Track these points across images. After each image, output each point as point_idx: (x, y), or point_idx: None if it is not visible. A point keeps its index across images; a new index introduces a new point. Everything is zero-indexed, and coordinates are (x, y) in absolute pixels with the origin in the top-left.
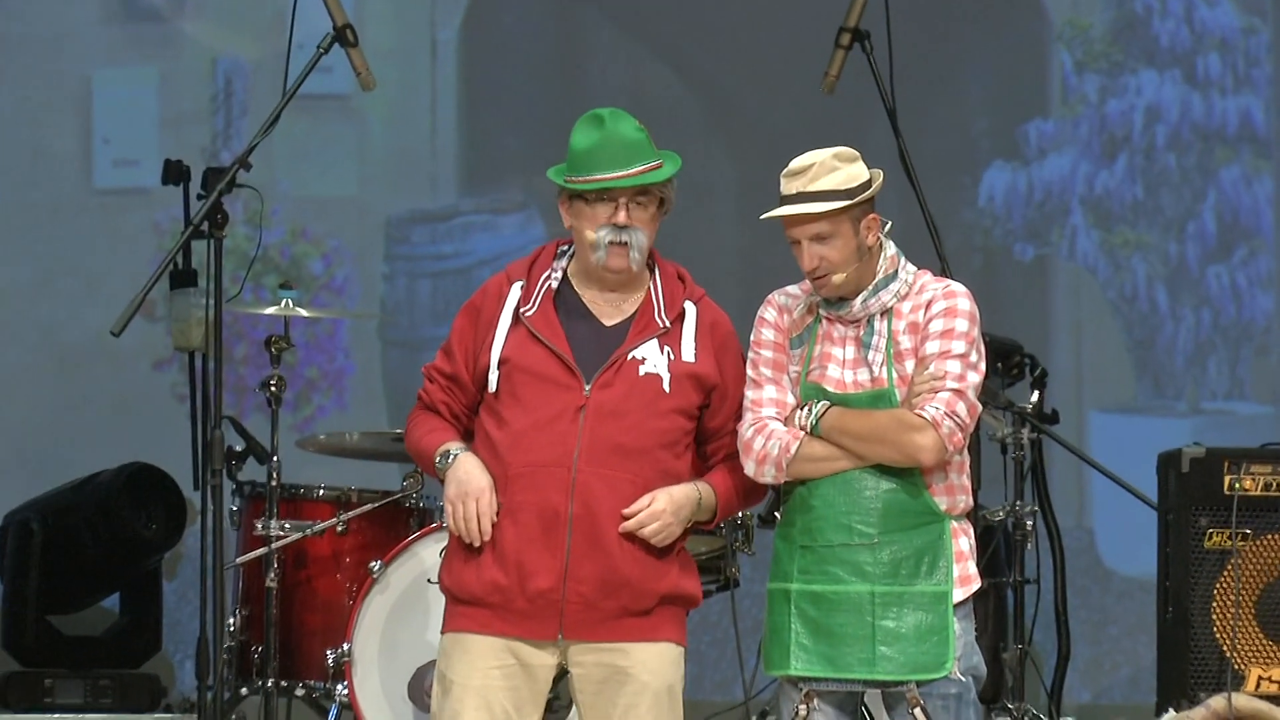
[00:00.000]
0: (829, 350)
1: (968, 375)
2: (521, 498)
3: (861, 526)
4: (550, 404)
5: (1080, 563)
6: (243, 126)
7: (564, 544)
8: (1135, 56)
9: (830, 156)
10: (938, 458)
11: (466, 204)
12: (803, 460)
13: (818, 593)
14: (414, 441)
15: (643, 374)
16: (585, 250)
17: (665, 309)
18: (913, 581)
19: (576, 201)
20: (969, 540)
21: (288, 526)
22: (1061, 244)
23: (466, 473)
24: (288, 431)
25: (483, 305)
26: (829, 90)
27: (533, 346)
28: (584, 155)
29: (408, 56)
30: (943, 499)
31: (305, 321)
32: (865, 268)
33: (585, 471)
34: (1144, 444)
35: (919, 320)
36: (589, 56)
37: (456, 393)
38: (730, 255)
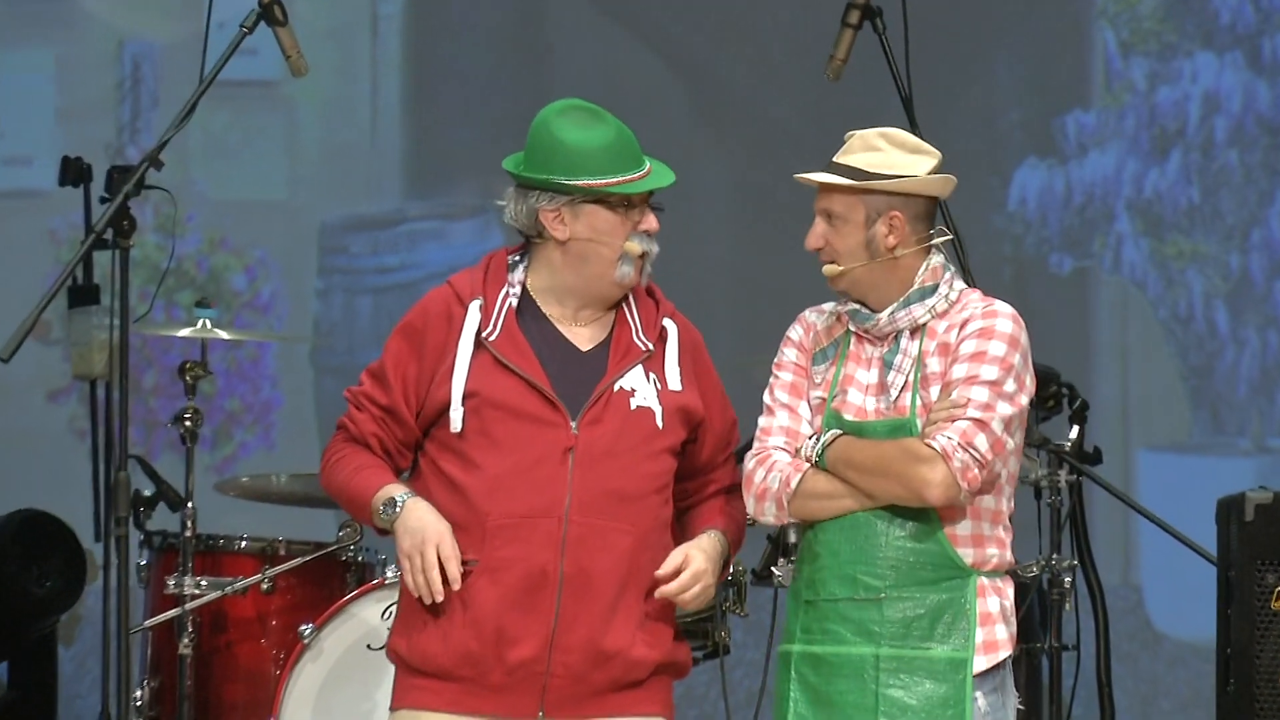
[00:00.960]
0: (853, 372)
1: (996, 405)
2: (504, 553)
3: (868, 579)
4: (533, 444)
5: (1127, 625)
6: (153, 119)
7: (552, 607)
8: (1190, 37)
9: (876, 134)
10: (947, 496)
11: (413, 208)
12: (805, 497)
13: (818, 655)
14: (341, 480)
15: (634, 408)
16: (599, 262)
17: (643, 328)
18: (925, 645)
19: (589, 206)
20: (1001, 601)
21: (204, 584)
22: (1105, 255)
23: (420, 519)
24: (205, 473)
25: (426, 328)
26: (835, 76)
27: (502, 377)
28: (601, 155)
29: (345, 36)
30: (968, 550)
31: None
32: (883, 274)
33: (577, 523)
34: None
35: (951, 341)
36: (555, 36)
37: (391, 426)
38: (719, 271)
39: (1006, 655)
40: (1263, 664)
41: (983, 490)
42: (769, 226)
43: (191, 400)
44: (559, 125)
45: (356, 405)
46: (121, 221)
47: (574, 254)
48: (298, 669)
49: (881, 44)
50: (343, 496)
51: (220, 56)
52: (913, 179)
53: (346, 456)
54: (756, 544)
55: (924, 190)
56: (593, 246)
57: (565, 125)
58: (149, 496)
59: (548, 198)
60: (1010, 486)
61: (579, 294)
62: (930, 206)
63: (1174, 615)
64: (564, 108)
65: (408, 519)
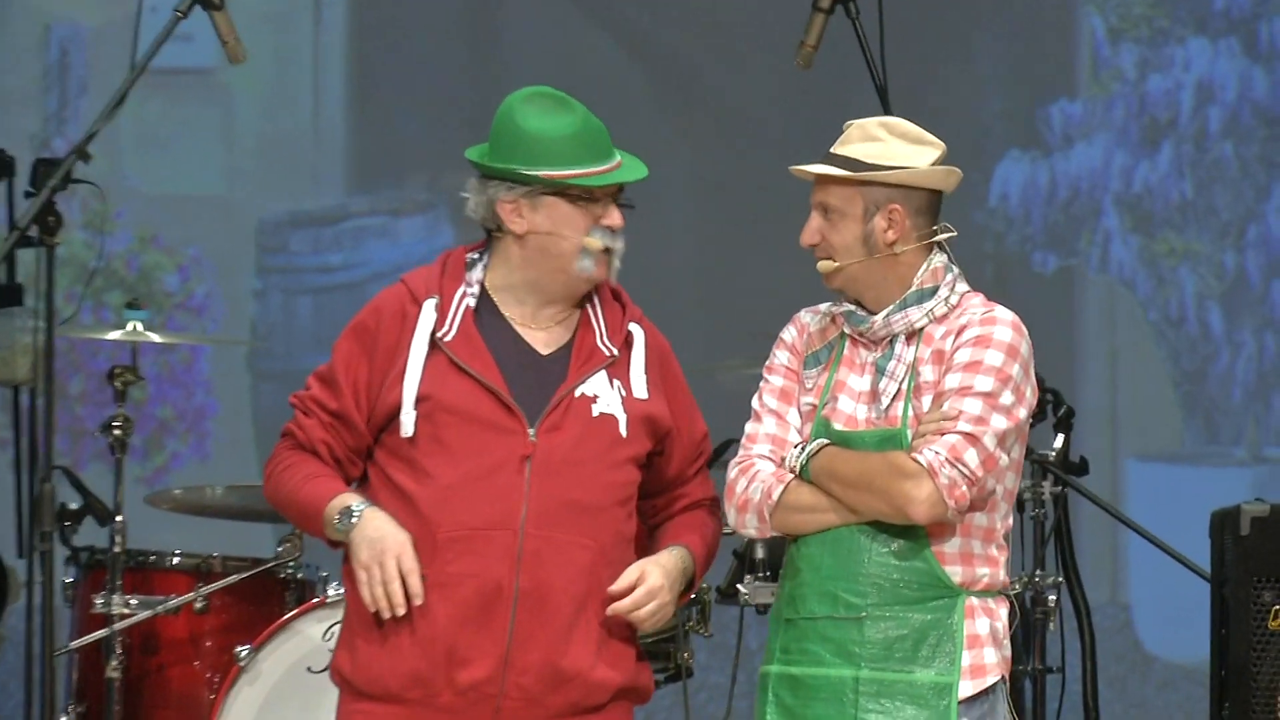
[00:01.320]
0: (845, 378)
1: (990, 419)
2: (456, 568)
3: (849, 597)
4: (487, 452)
5: (1115, 646)
6: (81, 108)
7: (506, 625)
8: (1183, 22)
9: (876, 123)
10: (932, 514)
11: (358, 204)
12: (787, 510)
13: (796, 676)
14: (289, 489)
15: (596, 415)
16: (560, 257)
17: (608, 332)
18: (908, 668)
19: (549, 199)
20: (992, 623)
21: (134, 603)
22: (1091, 253)
23: (378, 530)
24: (135, 485)
25: (379, 328)
26: (806, 64)
27: (456, 380)
28: (563, 145)
29: (285, 21)
30: (956, 569)
31: (157, 349)
32: (881, 271)
33: (534, 536)
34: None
35: (947, 349)
36: (508, 20)
37: (341, 432)
38: (683, 270)
39: (996, 680)
40: (1260, 687)
41: (974, 507)
42: (736, 223)
43: (121, 407)
44: (522, 113)
45: (304, 410)
46: (47, 218)
47: (532, 248)
48: (233, 693)
49: (855, 29)
50: (291, 507)
51: (153, 42)
52: (913, 170)
53: (294, 465)
54: (722, 560)
55: (925, 182)
56: (551, 240)
57: (528, 113)
58: (75, 510)
59: (506, 188)
60: (1006, 504)
61: (538, 291)
62: (933, 200)
63: (1165, 635)
64: (530, 95)
65: (366, 528)
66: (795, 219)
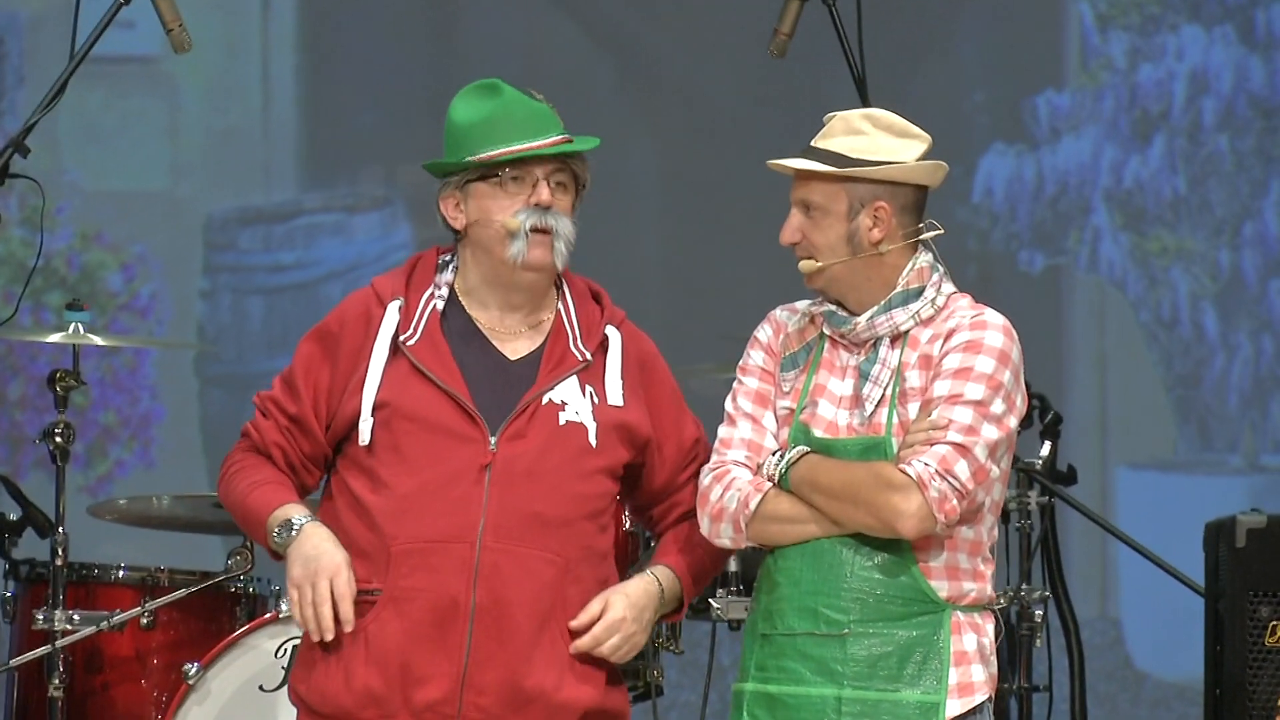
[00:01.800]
0: (825, 381)
1: (981, 429)
2: (410, 582)
3: (831, 612)
4: (445, 461)
5: (1104, 663)
6: (19, 99)
7: (463, 643)
8: (1176, 9)
9: (860, 116)
10: (921, 528)
11: (310, 200)
12: (765, 520)
13: (773, 695)
14: (238, 494)
15: (563, 423)
16: (494, 247)
17: (582, 336)
18: (893, 687)
19: (477, 186)
20: (979, 639)
21: (77, 619)
22: (1080, 251)
23: (315, 547)
24: (77, 495)
25: (343, 332)
26: (780, 53)
27: (418, 385)
28: (482, 127)
29: (233, 8)
30: (942, 583)
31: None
32: (866, 271)
33: (492, 549)
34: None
35: (934, 353)
36: (468, 5)
37: (297, 438)
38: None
39: (984, 699)
40: (1256, 706)
41: (962, 520)
42: (706, 219)
43: (62, 413)
44: (455, 107)
45: (263, 411)
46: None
47: (474, 242)
48: (182, 713)
49: (832, 16)
50: (238, 512)
51: (94, 29)
52: (900, 166)
53: (245, 469)
54: None
55: (912, 178)
56: (483, 229)
57: (458, 105)
58: (14, 521)
59: (447, 185)
60: (993, 515)
61: (496, 288)
62: (919, 197)
63: (1157, 652)
64: (465, 89)
65: (303, 544)
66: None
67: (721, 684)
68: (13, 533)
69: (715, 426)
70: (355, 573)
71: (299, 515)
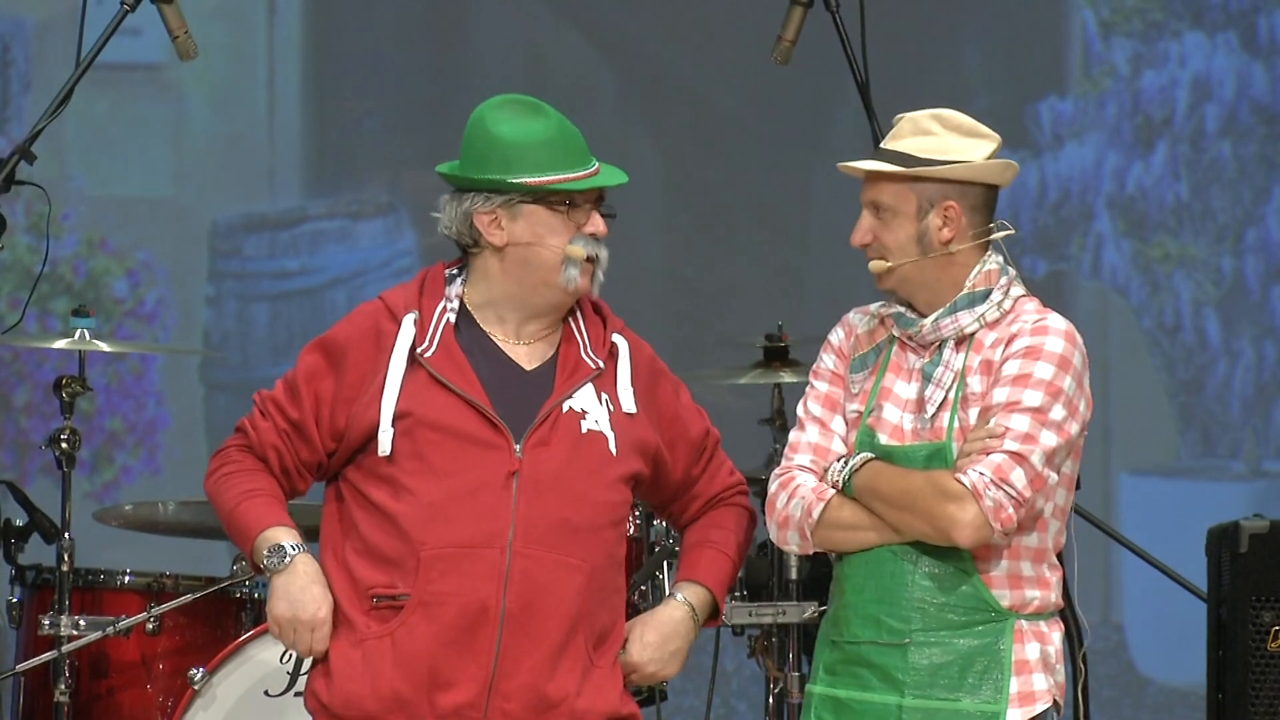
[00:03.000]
0: (891, 384)
1: (1040, 436)
2: (440, 587)
3: (893, 621)
4: (473, 468)
5: (1107, 668)
6: (24, 105)
7: (492, 648)
8: (1178, 15)
9: (928, 116)
10: (977, 537)
11: (315, 207)
12: (828, 527)
13: (840, 700)
14: (229, 500)
15: (585, 431)
16: (541, 269)
17: (592, 345)
18: (953, 696)
19: (530, 208)
20: (1043, 647)
21: (83, 624)
22: (1083, 257)
23: (303, 589)
24: (83, 501)
25: (349, 346)
26: (784, 60)
27: (438, 395)
28: (544, 149)
29: (239, 15)
30: (1004, 592)
31: (106, 358)
32: (935, 271)
33: (523, 554)
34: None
35: (996, 359)
36: (473, 12)
37: (295, 443)
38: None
39: (1046, 708)
40: (1258, 711)
41: (1022, 527)
42: (711, 227)
43: (68, 419)
44: (494, 120)
45: (262, 410)
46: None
47: (513, 260)
48: (187, 718)
49: (835, 23)
50: (226, 516)
51: (99, 36)
52: (968, 164)
53: (239, 474)
54: None
55: (981, 177)
56: (533, 250)
57: (501, 120)
58: (21, 527)
59: (483, 199)
60: (1058, 521)
61: (521, 306)
62: (989, 196)
63: (1160, 657)
64: (501, 102)
65: (292, 582)
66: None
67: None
68: (19, 538)
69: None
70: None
71: (290, 542)
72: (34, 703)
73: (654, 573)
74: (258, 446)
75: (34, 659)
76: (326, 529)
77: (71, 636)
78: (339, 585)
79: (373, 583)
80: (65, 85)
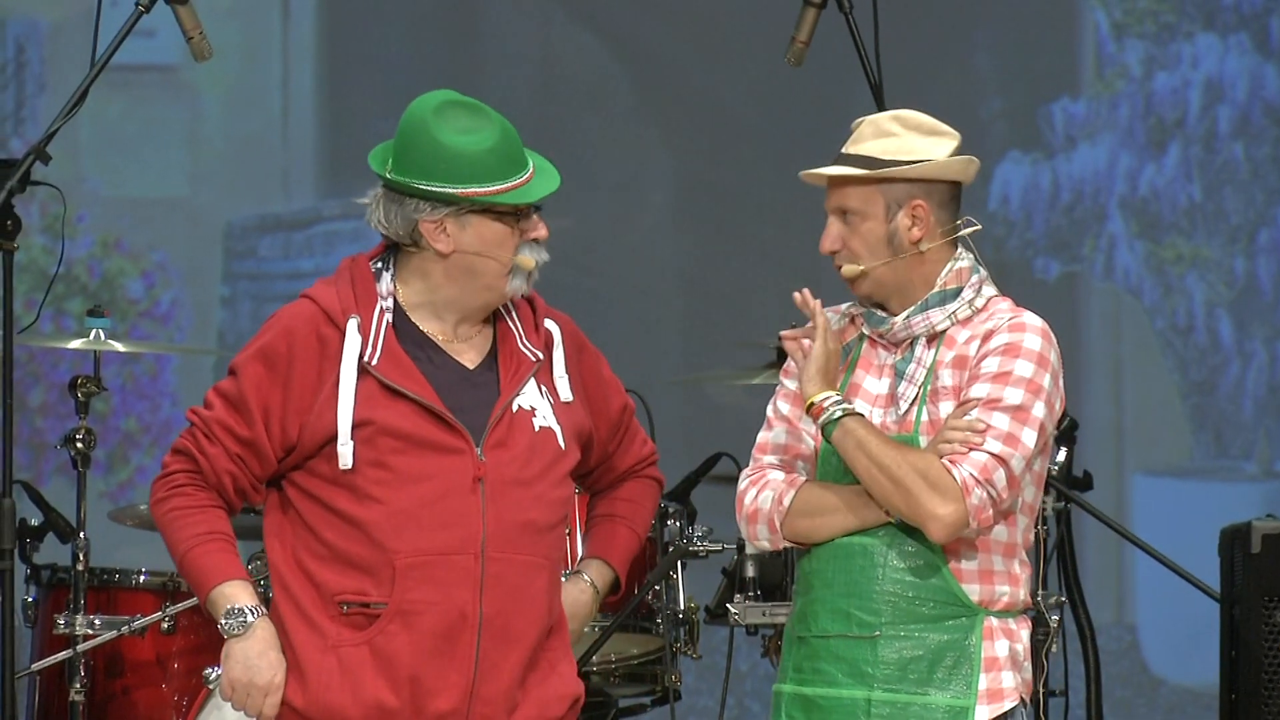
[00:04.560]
0: (861, 380)
1: (1021, 436)
2: (417, 595)
3: (862, 614)
4: (438, 474)
5: (1120, 668)
6: (39, 106)
7: (471, 655)
8: (1191, 17)
9: (889, 118)
10: (951, 533)
11: (329, 207)
12: (798, 515)
13: (809, 697)
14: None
15: (538, 429)
16: (486, 277)
17: (526, 335)
18: (923, 689)
19: (477, 218)
20: (1011, 644)
21: (98, 623)
22: (1096, 259)
23: (261, 654)
24: (99, 500)
25: (292, 354)
26: (797, 62)
27: (391, 402)
28: (489, 158)
29: (253, 16)
30: (975, 587)
31: (121, 358)
32: (907, 271)
33: (495, 559)
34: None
35: (970, 354)
36: (486, 15)
37: (249, 463)
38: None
39: (1013, 705)
40: (1271, 711)
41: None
42: (723, 227)
43: (83, 419)
44: (438, 127)
45: (206, 435)
46: (4, 221)
47: (458, 266)
48: (202, 716)
49: (848, 24)
50: (176, 555)
51: (114, 38)
52: (933, 163)
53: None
54: (711, 579)
55: (946, 174)
56: (480, 260)
57: (445, 127)
58: (36, 526)
59: (429, 207)
60: (1027, 517)
61: (459, 307)
62: (954, 193)
63: (1173, 657)
64: (440, 104)
65: (249, 650)
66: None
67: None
68: (34, 538)
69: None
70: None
71: (249, 604)
72: (49, 702)
73: (668, 572)
74: (210, 474)
75: (49, 658)
76: (274, 523)
77: (86, 636)
78: (296, 586)
79: (340, 589)
80: (80, 86)
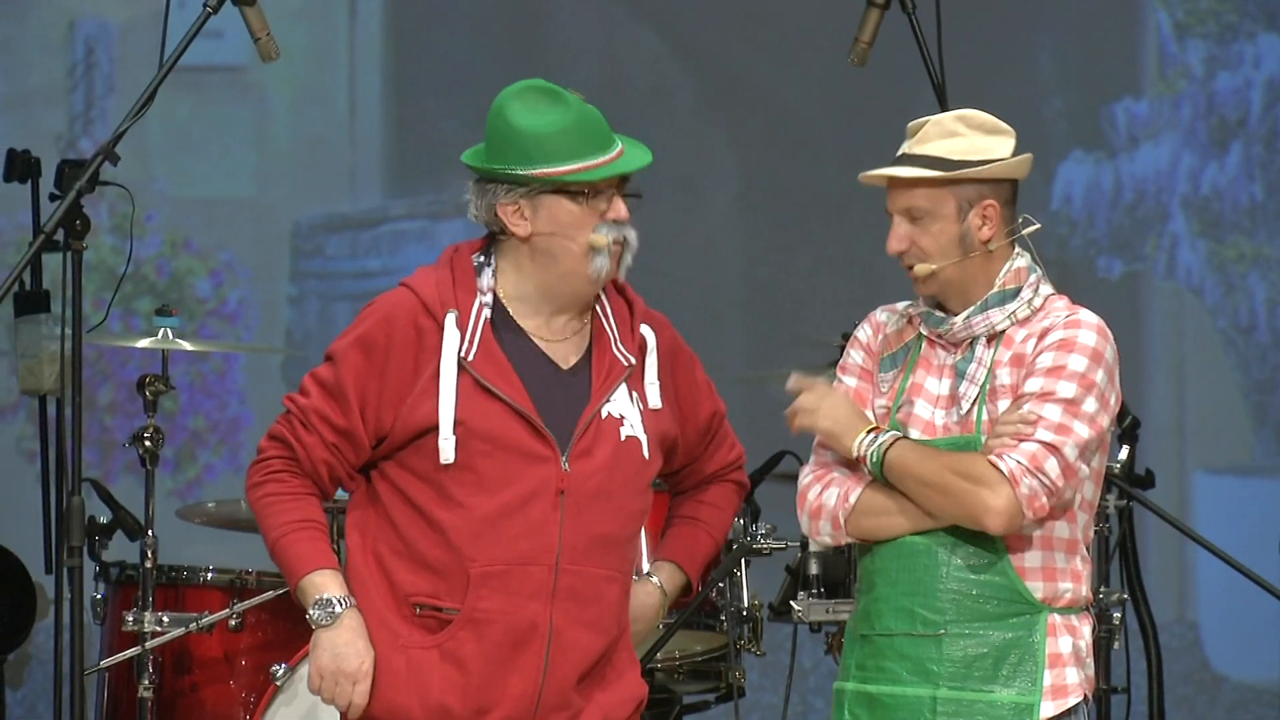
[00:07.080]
0: (922, 380)
1: (1072, 427)
2: (490, 604)
3: (926, 613)
4: (520, 482)
5: (1182, 666)
6: (109, 107)
7: (539, 665)
8: (1252, 17)
9: (953, 118)
10: (1008, 524)
11: (395, 207)
12: (862, 514)
13: (872, 695)
14: (276, 529)
15: (624, 438)
16: (568, 260)
17: (621, 338)
18: (988, 687)
19: (551, 198)
20: (1075, 641)
21: (166, 620)
22: (1158, 258)
23: (349, 643)
24: (166, 498)
25: (390, 344)
26: (860, 62)
27: (486, 403)
28: (561, 138)
29: (320, 17)
30: (1038, 584)
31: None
32: (974, 270)
33: (568, 571)
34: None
35: (1028, 352)
36: (551, 17)
37: (344, 453)
38: (731, 276)
39: (1077, 701)
40: None
41: (1053, 517)
42: (785, 227)
43: (152, 418)
44: (512, 110)
45: (303, 423)
46: (74, 221)
47: (540, 251)
48: (269, 713)
49: (911, 25)
50: (269, 539)
51: (182, 39)
52: (1003, 162)
53: (286, 498)
54: (775, 576)
55: (1013, 174)
56: (558, 241)
57: (518, 110)
58: (105, 524)
59: (505, 190)
60: (1086, 514)
61: (552, 297)
62: (1016, 191)
63: (1234, 655)
64: (520, 90)
65: (338, 636)
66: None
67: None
68: (103, 535)
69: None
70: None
71: (338, 595)
72: (118, 698)
73: (732, 570)
74: (305, 462)
75: (118, 655)
76: (358, 516)
77: (155, 633)
78: (373, 581)
79: (414, 590)
80: (149, 87)
